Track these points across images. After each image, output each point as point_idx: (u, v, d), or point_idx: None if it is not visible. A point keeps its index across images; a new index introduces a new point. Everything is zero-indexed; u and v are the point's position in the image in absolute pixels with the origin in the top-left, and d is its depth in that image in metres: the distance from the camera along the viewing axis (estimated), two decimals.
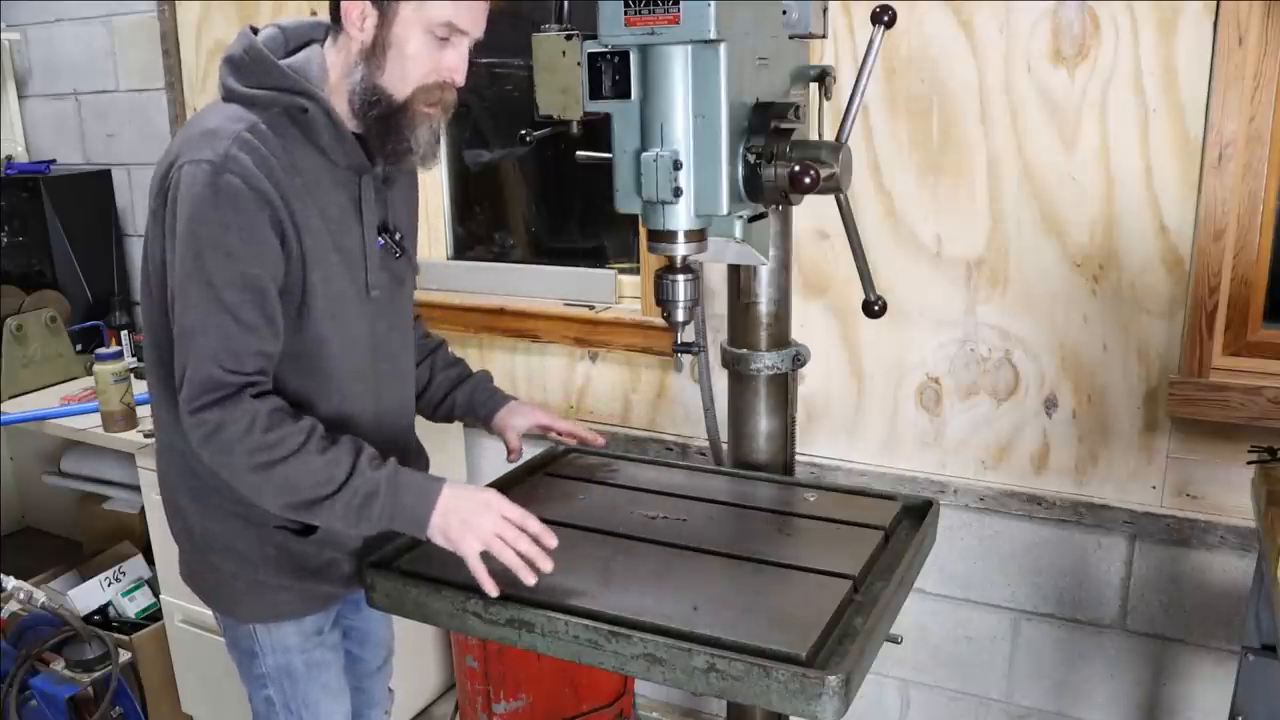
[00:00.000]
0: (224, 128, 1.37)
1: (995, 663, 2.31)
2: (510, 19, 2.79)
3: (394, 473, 1.39)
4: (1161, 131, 1.90)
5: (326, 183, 1.44)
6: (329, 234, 1.44)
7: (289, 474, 1.36)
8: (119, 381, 2.52)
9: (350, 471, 1.36)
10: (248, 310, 1.36)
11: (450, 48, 1.40)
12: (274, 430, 1.35)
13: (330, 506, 1.37)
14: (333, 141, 1.43)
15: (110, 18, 3.26)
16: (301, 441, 1.36)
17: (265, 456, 1.35)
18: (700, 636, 1.20)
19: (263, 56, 1.41)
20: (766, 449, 1.68)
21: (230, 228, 1.34)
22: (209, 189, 1.33)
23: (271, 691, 1.64)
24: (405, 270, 1.60)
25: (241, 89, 1.41)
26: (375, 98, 1.40)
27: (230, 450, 1.36)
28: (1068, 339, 2.07)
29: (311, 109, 1.40)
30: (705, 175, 1.29)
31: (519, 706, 2.35)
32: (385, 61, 1.39)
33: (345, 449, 1.38)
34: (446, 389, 1.79)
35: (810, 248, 2.24)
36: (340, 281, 1.47)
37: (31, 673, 2.55)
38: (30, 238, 3.24)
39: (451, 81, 1.43)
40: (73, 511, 3.26)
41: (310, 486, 1.36)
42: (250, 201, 1.34)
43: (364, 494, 1.36)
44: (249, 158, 1.35)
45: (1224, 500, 1.99)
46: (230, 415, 1.34)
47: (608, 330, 2.55)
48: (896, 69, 2.09)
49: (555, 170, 2.91)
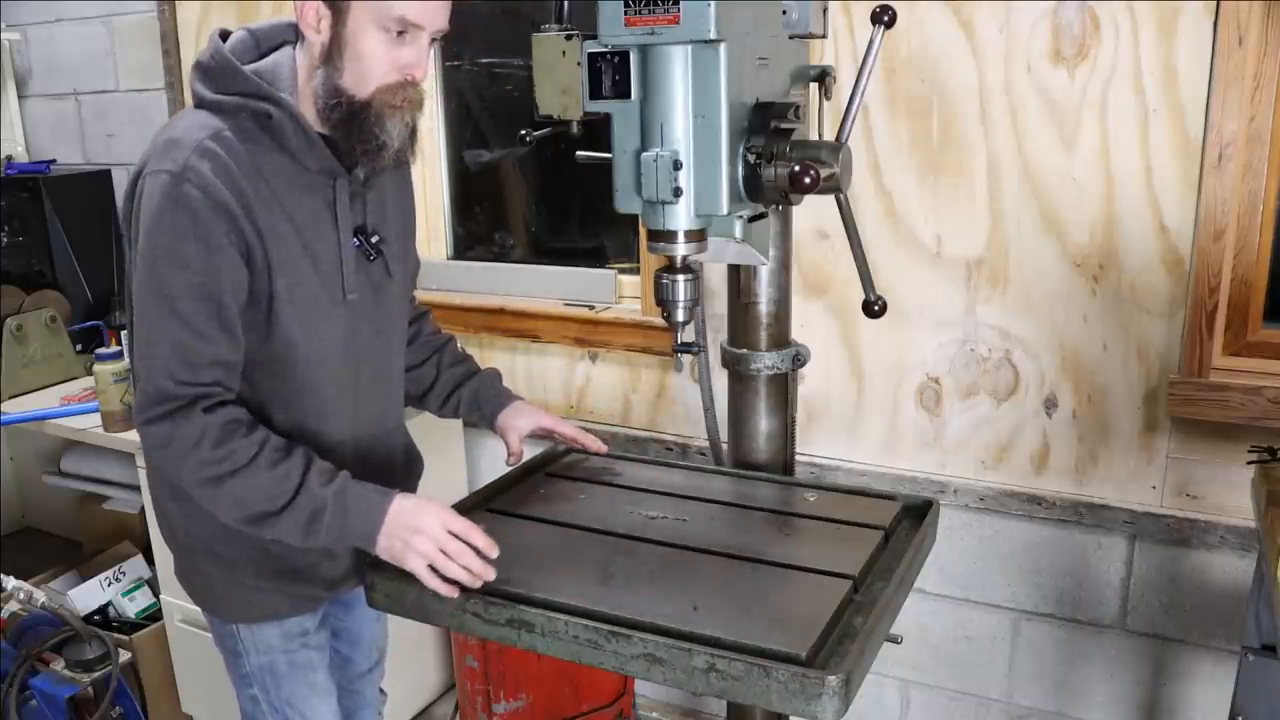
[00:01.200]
0: (187, 136, 1.36)
1: (995, 663, 2.31)
2: (510, 19, 2.80)
3: (341, 490, 1.38)
4: (1161, 131, 1.90)
5: (297, 188, 1.43)
6: (299, 239, 1.43)
7: (236, 489, 1.36)
8: (119, 381, 2.52)
9: (298, 488, 1.36)
10: (202, 320, 1.36)
11: (407, 44, 1.37)
12: (223, 445, 1.35)
13: (278, 522, 1.37)
14: (301, 145, 1.41)
15: (110, 18, 3.26)
16: (251, 456, 1.35)
17: (213, 471, 1.35)
18: (700, 636, 1.19)
19: (228, 62, 1.40)
20: (766, 449, 1.68)
21: (186, 238, 1.34)
22: (167, 200, 1.33)
23: (256, 690, 1.64)
24: (384, 274, 1.57)
25: (209, 95, 1.41)
26: (336, 100, 1.38)
27: (179, 464, 1.36)
28: (1068, 339, 2.07)
29: (276, 114, 1.39)
30: (705, 175, 1.29)
31: (519, 706, 2.35)
32: (343, 62, 1.37)
33: (296, 463, 1.37)
34: (452, 385, 1.78)
35: (810, 248, 2.24)
36: (310, 286, 1.45)
37: (31, 673, 2.55)
38: (30, 238, 3.24)
39: (412, 79, 1.40)
40: (73, 511, 3.26)
41: (258, 502, 1.36)
42: (208, 211, 1.34)
43: (310, 511, 1.36)
44: (209, 166, 1.34)
45: (1224, 500, 1.99)
46: (179, 429, 1.34)
47: (608, 330, 2.55)
48: (896, 69, 2.09)
49: (555, 170, 2.91)
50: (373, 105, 1.38)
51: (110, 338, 3.09)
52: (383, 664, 1.94)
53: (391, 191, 1.60)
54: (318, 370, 1.50)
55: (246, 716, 1.69)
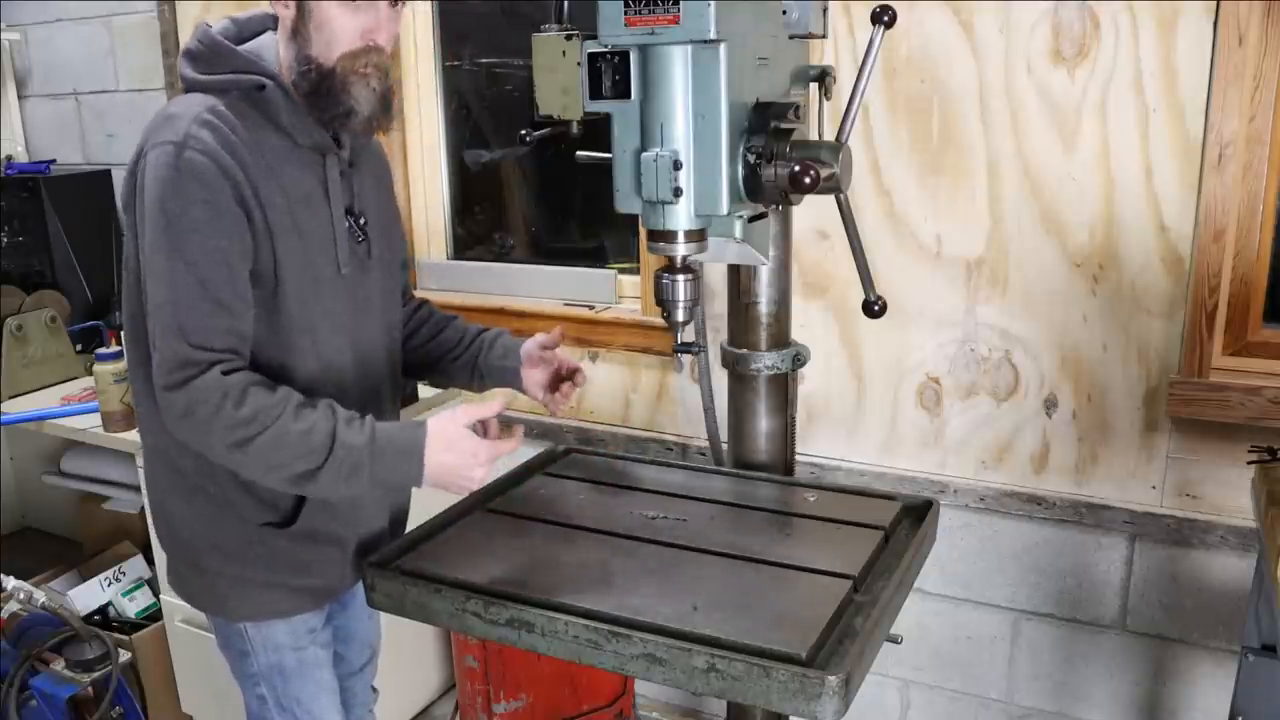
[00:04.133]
0: (184, 111, 1.39)
1: (995, 663, 2.31)
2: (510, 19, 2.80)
3: (372, 438, 1.38)
4: (1161, 131, 1.90)
5: (288, 163, 1.46)
6: (290, 214, 1.45)
7: (266, 448, 1.35)
8: (119, 381, 2.52)
9: (331, 441, 1.36)
10: (216, 286, 1.37)
11: (366, 11, 1.42)
12: (246, 404, 1.34)
13: (316, 480, 1.37)
14: (293, 119, 1.45)
15: (110, 18, 3.26)
16: (277, 414, 1.35)
17: (242, 432, 1.34)
18: (700, 636, 1.19)
19: (217, 43, 1.45)
20: (766, 449, 1.68)
21: (195, 202, 1.35)
22: (172, 168, 1.35)
23: (264, 689, 1.64)
24: (367, 255, 1.59)
25: (199, 77, 1.45)
26: (306, 68, 1.43)
27: (205, 430, 1.35)
28: (1068, 339, 2.07)
29: (269, 86, 1.43)
30: (705, 175, 1.29)
31: (519, 706, 2.35)
32: (309, 31, 1.42)
33: (323, 415, 1.37)
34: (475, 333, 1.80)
35: (810, 248, 2.24)
36: (303, 261, 1.47)
37: (31, 673, 2.55)
38: (30, 238, 3.24)
39: (374, 44, 1.44)
40: (73, 511, 3.26)
41: (291, 460, 1.36)
42: (215, 175, 1.36)
43: (350, 464, 1.36)
44: (210, 135, 1.37)
45: (1224, 500, 1.99)
46: (199, 394, 1.34)
47: (608, 330, 2.55)
48: (896, 69, 2.09)
49: (555, 170, 2.91)
50: (337, 71, 1.42)
51: (110, 338, 3.08)
52: (375, 661, 1.94)
53: (370, 180, 1.62)
54: (320, 341, 1.51)
55: (253, 716, 1.69)
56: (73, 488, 3.16)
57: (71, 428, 2.64)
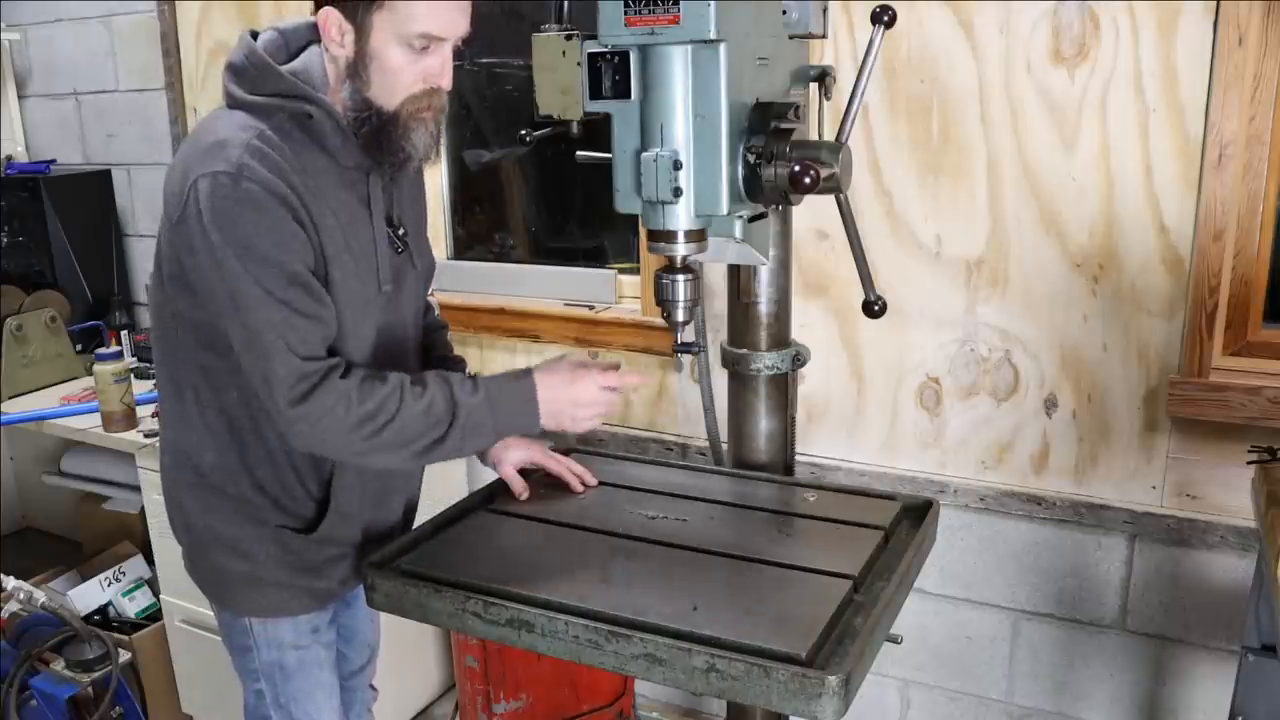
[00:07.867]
0: (233, 137, 1.37)
1: (995, 663, 2.31)
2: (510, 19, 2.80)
3: (487, 395, 1.45)
4: (1161, 132, 1.90)
5: (335, 184, 1.45)
6: (341, 234, 1.45)
7: (393, 435, 1.40)
8: (119, 381, 2.52)
9: (453, 409, 1.42)
10: (301, 303, 1.38)
11: (431, 54, 1.40)
12: (368, 400, 1.38)
13: (443, 444, 1.43)
14: (340, 143, 1.43)
15: (110, 18, 3.26)
16: (398, 401, 1.40)
17: (371, 426, 1.38)
18: (700, 636, 1.20)
19: (265, 63, 1.41)
20: (766, 449, 1.68)
21: (260, 232, 1.35)
22: (230, 200, 1.34)
23: (263, 685, 1.64)
24: (407, 264, 1.59)
25: (245, 96, 1.41)
26: (367, 113, 1.41)
27: (338, 432, 1.38)
28: (1068, 339, 2.07)
29: (316, 114, 1.41)
30: (705, 175, 1.29)
31: (519, 706, 2.35)
32: (369, 75, 1.39)
33: (436, 386, 1.43)
34: None
35: (810, 248, 2.24)
36: (352, 280, 1.47)
37: (31, 673, 2.56)
38: (30, 238, 3.24)
39: (438, 87, 1.43)
40: (73, 511, 3.26)
41: (419, 436, 1.41)
42: (274, 205, 1.35)
43: (473, 425, 1.44)
44: (262, 164, 1.35)
45: (1224, 500, 1.99)
46: (327, 401, 1.37)
47: (608, 330, 2.55)
48: (896, 69, 2.09)
49: (555, 170, 2.91)
50: (400, 116, 1.42)
51: (110, 338, 3.10)
52: (375, 661, 1.94)
53: (408, 189, 1.62)
54: (355, 359, 1.50)
55: (250, 711, 1.69)
56: (73, 488, 3.17)
57: (71, 428, 2.64)
